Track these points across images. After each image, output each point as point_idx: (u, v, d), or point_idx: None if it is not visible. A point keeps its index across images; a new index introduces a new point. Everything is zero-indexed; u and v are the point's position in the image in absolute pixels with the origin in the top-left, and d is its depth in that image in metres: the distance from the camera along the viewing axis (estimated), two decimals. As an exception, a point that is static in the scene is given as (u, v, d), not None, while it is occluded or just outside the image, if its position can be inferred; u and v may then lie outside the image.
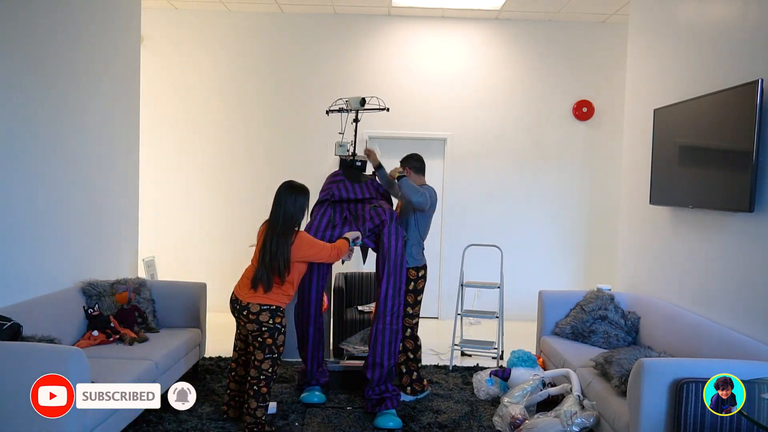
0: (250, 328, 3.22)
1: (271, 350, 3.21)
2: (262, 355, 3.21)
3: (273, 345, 3.22)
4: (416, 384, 3.88)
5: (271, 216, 3.31)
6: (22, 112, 3.33)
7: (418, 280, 3.81)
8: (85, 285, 3.86)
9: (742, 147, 2.98)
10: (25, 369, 2.51)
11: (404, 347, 3.85)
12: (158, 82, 6.13)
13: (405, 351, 3.86)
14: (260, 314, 3.18)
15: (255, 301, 3.20)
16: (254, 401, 3.21)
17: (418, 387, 3.88)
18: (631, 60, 4.62)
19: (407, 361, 3.87)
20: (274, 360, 3.23)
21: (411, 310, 3.82)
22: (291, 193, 3.31)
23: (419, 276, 3.81)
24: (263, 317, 3.17)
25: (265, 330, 3.18)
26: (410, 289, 3.79)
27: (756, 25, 3.07)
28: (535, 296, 4.50)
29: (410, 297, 3.81)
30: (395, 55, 6.20)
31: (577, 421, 3.02)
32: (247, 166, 6.21)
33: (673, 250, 3.84)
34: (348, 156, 4.04)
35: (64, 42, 3.72)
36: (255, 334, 3.21)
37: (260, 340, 3.20)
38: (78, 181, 3.93)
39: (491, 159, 6.27)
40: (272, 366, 3.23)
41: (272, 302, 3.21)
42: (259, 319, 3.18)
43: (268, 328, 3.19)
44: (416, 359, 3.89)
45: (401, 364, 3.88)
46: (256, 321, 3.18)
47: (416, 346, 3.89)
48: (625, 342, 3.85)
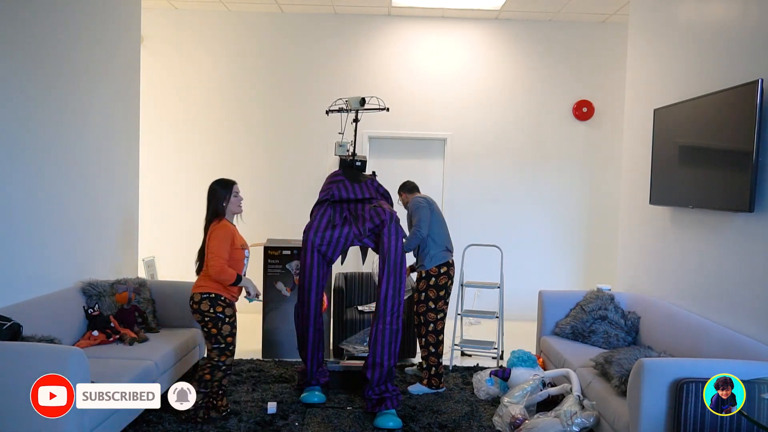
0: (196, 319, 3.28)
1: (217, 340, 3.24)
2: (210, 344, 3.27)
3: (218, 335, 3.24)
4: (434, 379, 3.97)
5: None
6: (22, 113, 3.33)
7: (440, 277, 3.94)
8: (85, 285, 3.86)
9: (742, 147, 2.98)
10: (25, 369, 2.51)
11: (426, 341, 3.97)
12: (158, 82, 6.13)
13: (427, 345, 3.97)
14: (201, 303, 3.23)
15: (196, 290, 3.26)
16: (195, 383, 3.24)
17: (435, 382, 3.97)
18: (631, 60, 4.62)
19: (428, 355, 3.97)
20: (221, 350, 3.26)
21: (433, 305, 3.95)
22: (211, 188, 3.49)
23: (440, 273, 3.94)
24: (204, 306, 3.22)
25: (207, 320, 3.22)
26: (431, 284, 3.94)
27: (756, 25, 3.07)
28: (535, 296, 4.50)
29: (431, 292, 3.94)
30: (395, 55, 6.20)
31: (577, 421, 3.02)
32: (247, 166, 6.21)
33: (673, 250, 3.84)
34: (348, 156, 4.04)
35: (64, 42, 3.72)
36: (201, 325, 3.28)
37: (206, 331, 3.26)
38: (78, 181, 3.93)
39: (491, 159, 6.27)
40: (219, 356, 3.26)
41: (211, 290, 3.23)
42: (201, 308, 3.23)
43: (210, 317, 3.22)
44: (437, 353, 3.99)
45: (423, 358, 4.00)
46: (198, 311, 3.24)
47: (437, 341, 3.98)
48: (625, 342, 3.85)
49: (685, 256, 3.68)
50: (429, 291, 3.96)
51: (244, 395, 3.82)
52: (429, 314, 3.96)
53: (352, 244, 3.76)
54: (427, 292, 3.96)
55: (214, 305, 3.22)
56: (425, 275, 3.97)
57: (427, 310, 3.96)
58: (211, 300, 3.22)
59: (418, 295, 4.01)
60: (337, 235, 3.71)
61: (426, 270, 3.97)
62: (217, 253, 3.22)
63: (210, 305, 3.22)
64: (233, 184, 3.49)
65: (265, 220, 5.93)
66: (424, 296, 3.97)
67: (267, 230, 5.70)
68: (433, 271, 3.95)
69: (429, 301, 3.96)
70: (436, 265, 3.95)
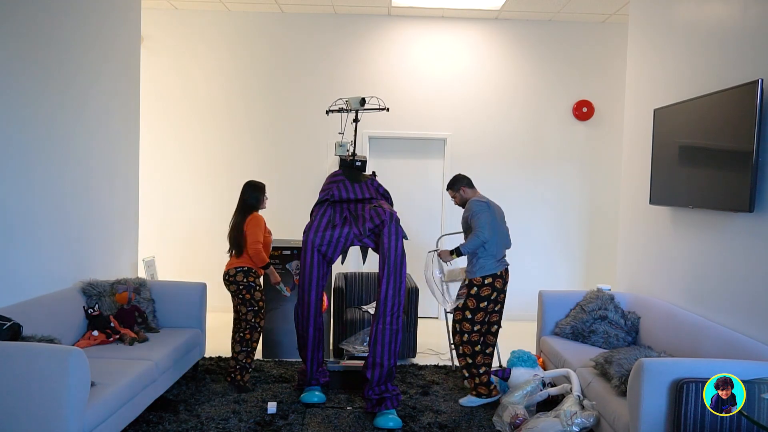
0: (232, 290, 3.94)
1: (251, 303, 3.93)
2: (245, 309, 3.92)
3: (252, 299, 3.93)
4: (481, 387, 3.78)
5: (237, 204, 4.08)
6: (22, 113, 3.33)
7: (483, 288, 3.72)
8: (85, 285, 3.86)
9: (742, 147, 2.98)
10: (25, 369, 2.51)
11: (462, 351, 3.79)
12: (158, 82, 6.13)
13: (464, 355, 3.79)
14: (236, 275, 3.91)
15: (230, 267, 3.95)
16: (238, 345, 3.95)
17: (483, 390, 3.78)
18: (631, 60, 4.62)
19: (467, 365, 3.79)
20: (256, 312, 3.95)
21: (470, 315, 3.74)
22: (249, 189, 4.06)
23: (484, 284, 3.72)
24: (239, 277, 3.91)
25: (242, 288, 3.90)
26: (472, 293, 3.74)
27: (756, 25, 3.07)
28: (535, 296, 4.49)
29: (471, 302, 3.73)
30: (395, 55, 6.20)
31: (577, 421, 3.02)
32: (247, 166, 6.21)
33: (673, 250, 3.84)
34: (348, 156, 4.04)
35: (64, 42, 3.72)
36: (235, 294, 3.93)
37: (240, 298, 3.92)
38: (78, 181, 3.93)
39: (491, 159, 6.27)
40: (255, 317, 3.94)
41: (243, 264, 3.94)
42: (236, 279, 3.91)
43: (244, 285, 3.91)
44: (475, 364, 3.78)
45: (463, 368, 3.84)
46: (234, 281, 3.92)
47: (473, 352, 3.78)
48: (625, 342, 3.85)
49: (685, 256, 3.68)
50: (468, 300, 3.74)
51: (244, 395, 3.83)
52: (464, 323, 3.76)
53: (352, 244, 3.76)
54: (466, 301, 3.75)
55: (247, 276, 3.91)
56: (468, 283, 3.77)
57: (463, 319, 3.76)
58: (245, 272, 3.92)
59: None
60: (337, 235, 3.71)
61: (470, 279, 3.76)
62: (255, 239, 3.91)
63: (244, 276, 3.91)
64: (264, 186, 4.14)
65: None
66: (463, 304, 3.77)
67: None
68: (477, 281, 3.72)
69: (467, 311, 3.74)
70: (481, 276, 3.72)
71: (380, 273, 3.60)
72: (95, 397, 2.73)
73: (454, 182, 3.99)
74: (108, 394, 2.82)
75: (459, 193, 3.97)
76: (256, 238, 3.90)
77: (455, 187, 3.98)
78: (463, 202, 3.98)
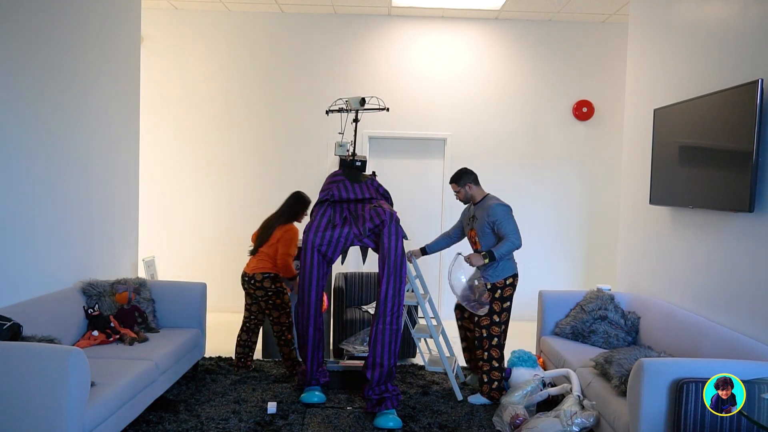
0: (259, 294, 4.05)
1: (283, 307, 4.10)
2: (278, 312, 4.10)
3: (282, 303, 4.10)
4: (495, 392, 3.76)
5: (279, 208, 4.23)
6: (21, 112, 3.33)
7: (505, 288, 3.75)
8: (85, 285, 3.86)
9: (742, 147, 2.98)
10: (25, 369, 2.51)
11: (489, 356, 3.75)
12: (158, 82, 6.13)
13: (490, 359, 3.75)
14: (263, 281, 4.03)
15: (257, 271, 4.03)
16: (286, 347, 4.16)
17: (496, 395, 3.76)
18: (631, 60, 4.62)
19: (491, 369, 3.76)
20: (287, 314, 4.12)
21: (497, 318, 3.75)
22: (295, 200, 4.20)
23: (506, 284, 3.75)
24: (266, 284, 4.03)
25: (271, 293, 4.05)
26: (496, 297, 3.74)
27: (756, 25, 3.07)
28: (535, 296, 4.49)
29: (496, 305, 3.74)
30: (395, 55, 6.20)
31: (577, 421, 3.02)
32: (247, 166, 6.21)
33: (673, 250, 3.84)
34: (348, 156, 4.04)
35: (64, 42, 3.72)
36: (263, 299, 4.06)
37: (271, 303, 4.07)
38: (78, 181, 3.93)
39: (491, 159, 6.27)
40: (288, 317, 4.13)
41: (270, 270, 4.05)
42: (264, 285, 4.03)
43: (273, 291, 4.05)
44: (501, 368, 3.77)
45: (483, 373, 3.78)
46: (261, 288, 4.03)
47: (501, 356, 3.77)
48: (625, 342, 3.85)
49: (685, 256, 3.68)
50: (494, 304, 3.73)
51: (244, 395, 3.83)
52: (493, 328, 3.74)
53: (352, 244, 3.76)
54: (491, 305, 3.73)
55: (274, 282, 4.05)
56: (491, 287, 3.74)
57: (491, 323, 3.73)
58: (272, 279, 4.04)
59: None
60: (337, 235, 3.71)
61: (492, 282, 3.74)
62: (287, 251, 4.02)
63: (271, 282, 4.04)
64: (310, 201, 4.22)
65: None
66: (489, 309, 3.74)
67: (267, 230, 5.70)
68: (500, 284, 3.73)
69: (494, 315, 3.73)
70: (503, 278, 3.73)
71: (380, 273, 3.60)
72: (95, 397, 2.73)
73: (459, 176, 3.89)
74: (108, 394, 2.82)
75: (464, 189, 3.88)
76: (288, 250, 4.01)
77: (461, 183, 3.89)
78: (467, 198, 3.92)
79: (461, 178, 3.89)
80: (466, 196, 3.91)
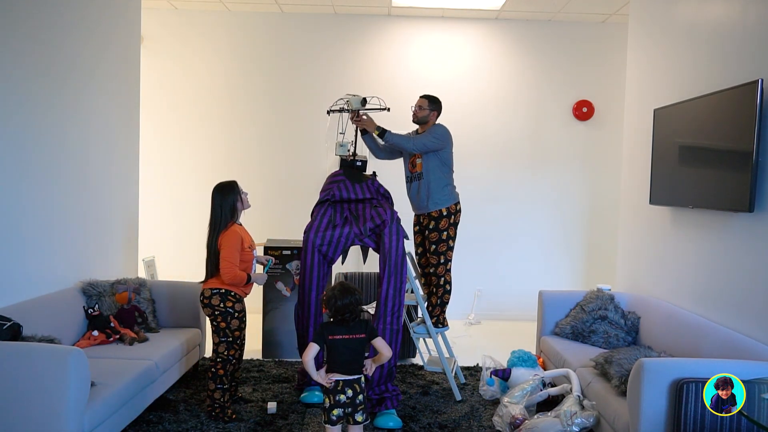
0: (207, 313, 3.41)
1: (225, 334, 3.38)
2: (218, 339, 3.39)
3: (227, 329, 3.38)
4: (443, 316, 4.08)
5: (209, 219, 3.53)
6: (21, 112, 3.33)
7: (457, 214, 4.03)
8: (85, 285, 3.86)
9: (742, 147, 2.98)
10: (25, 369, 2.51)
11: (445, 280, 4.02)
12: (158, 82, 6.13)
13: (445, 284, 4.02)
14: (212, 298, 3.37)
15: (207, 287, 3.41)
16: (212, 383, 3.40)
17: (443, 319, 4.07)
18: (631, 60, 4.62)
19: (444, 294, 4.05)
20: (229, 344, 3.39)
21: (452, 243, 4.03)
22: (217, 194, 3.48)
23: (458, 210, 4.03)
24: (214, 301, 3.37)
25: (217, 314, 3.36)
26: (451, 222, 4.01)
27: (756, 25, 3.07)
28: (535, 296, 4.49)
29: (452, 230, 4.02)
30: (395, 55, 6.20)
31: (577, 421, 3.02)
32: (247, 166, 6.21)
33: (673, 250, 3.84)
34: (348, 156, 4.04)
35: (63, 42, 3.72)
36: (210, 319, 3.41)
37: (215, 325, 3.39)
38: (78, 181, 3.93)
39: (491, 159, 6.27)
40: (227, 349, 3.39)
41: (221, 286, 3.38)
42: (212, 302, 3.37)
43: (220, 311, 3.36)
44: (450, 291, 4.09)
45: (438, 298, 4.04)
46: (209, 305, 3.38)
47: (451, 280, 4.09)
48: (625, 342, 3.85)
49: (685, 256, 3.68)
50: (449, 230, 3.98)
51: (244, 395, 3.82)
52: (449, 253, 4.00)
53: (352, 243, 3.76)
54: (448, 231, 3.97)
55: (224, 300, 3.37)
56: (446, 213, 3.98)
57: (448, 249, 3.99)
58: (221, 295, 3.37)
59: (437, 235, 3.97)
60: (338, 235, 3.71)
61: (446, 207, 3.98)
62: (230, 260, 3.34)
63: (220, 300, 3.37)
64: (235, 183, 3.54)
65: (265, 220, 5.93)
66: (446, 235, 3.96)
67: (267, 230, 5.71)
68: (453, 209, 4.00)
69: (450, 240, 3.98)
70: (454, 203, 4.01)
71: (381, 273, 3.60)
72: (95, 397, 2.73)
73: (435, 101, 4.08)
74: (108, 394, 2.82)
75: (429, 111, 4.07)
76: (231, 259, 3.33)
77: (431, 106, 4.07)
78: (422, 120, 4.09)
79: (435, 104, 4.08)
80: (423, 119, 4.09)
